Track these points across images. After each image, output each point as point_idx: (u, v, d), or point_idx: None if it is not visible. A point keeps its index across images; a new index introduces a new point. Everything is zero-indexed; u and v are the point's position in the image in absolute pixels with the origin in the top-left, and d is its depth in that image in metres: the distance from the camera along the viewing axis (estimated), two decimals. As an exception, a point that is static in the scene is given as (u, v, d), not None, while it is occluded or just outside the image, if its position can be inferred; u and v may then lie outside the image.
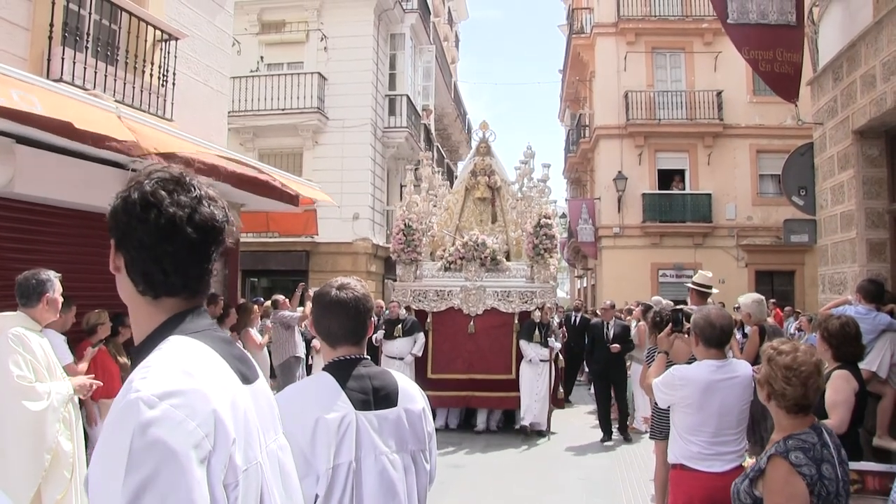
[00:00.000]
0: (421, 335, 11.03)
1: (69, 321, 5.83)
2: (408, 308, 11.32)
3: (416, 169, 13.03)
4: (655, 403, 5.97)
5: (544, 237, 11.16)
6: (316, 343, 11.59)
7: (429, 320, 11.31)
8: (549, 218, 11.38)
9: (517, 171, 12.64)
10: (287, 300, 10.78)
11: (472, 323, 11.15)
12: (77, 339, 6.15)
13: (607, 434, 10.59)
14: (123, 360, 6.99)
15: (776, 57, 8.58)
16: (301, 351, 10.48)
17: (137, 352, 1.47)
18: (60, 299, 4.81)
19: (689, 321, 4.66)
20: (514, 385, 10.81)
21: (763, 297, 6.98)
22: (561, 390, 11.66)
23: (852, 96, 7.71)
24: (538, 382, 10.63)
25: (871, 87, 7.24)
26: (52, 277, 4.76)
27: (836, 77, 8.22)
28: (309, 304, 9.89)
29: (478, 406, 11.16)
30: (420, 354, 10.99)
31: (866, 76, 7.37)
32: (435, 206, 12.58)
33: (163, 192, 1.47)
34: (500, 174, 12.87)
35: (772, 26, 8.51)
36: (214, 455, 1.32)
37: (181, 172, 1.54)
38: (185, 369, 1.36)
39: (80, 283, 6.20)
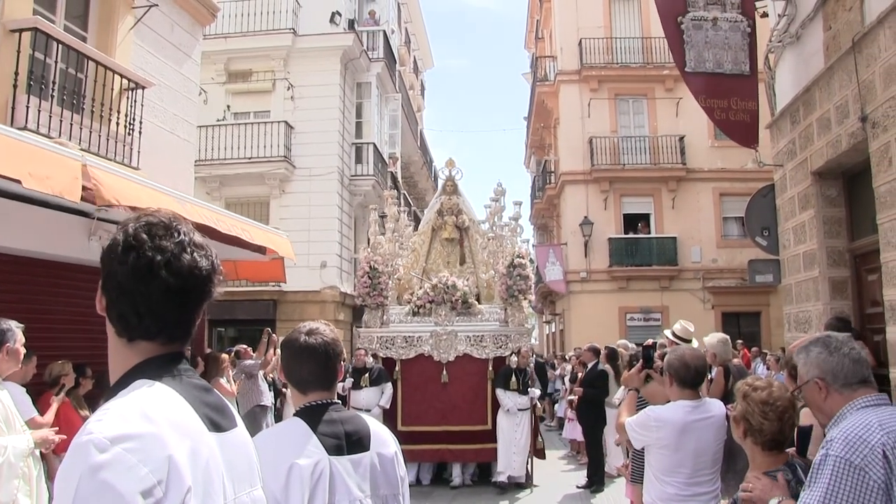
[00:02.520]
0: (389, 385, 10.37)
1: (30, 372, 5.68)
2: (375, 356, 10.62)
3: (381, 214, 12.61)
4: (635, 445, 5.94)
5: (518, 278, 10.59)
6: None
7: (397, 368, 10.59)
8: (523, 258, 10.84)
9: (487, 209, 12.08)
10: (249, 349, 10.61)
11: (444, 371, 10.49)
12: (38, 391, 6.00)
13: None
14: (85, 412, 6.81)
15: (731, 105, 8.79)
16: (267, 399, 10.26)
17: (108, 395, 1.45)
18: (22, 350, 4.69)
19: (661, 359, 4.67)
20: (490, 436, 10.22)
21: (728, 337, 7.03)
22: (540, 439, 10.87)
23: (809, 139, 7.91)
24: (516, 433, 10.06)
25: (827, 129, 7.44)
26: (14, 328, 4.64)
27: (793, 120, 8.44)
28: (272, 351, 9.74)
29: (452, 460, 10.49)
30: (388, 406, 10.33)
31: (822, 119, 7.58)
32: (401, 247, 11.94)
33: (144, 236, 1.48)
34: (468, 213, 12.28)
35: (727, 76, 8.74)
36: (165, 502, 1.29)
37: (170, 218, 1.55)
38: (143, 413, 1.35)
39: (42, 334, 6.07)
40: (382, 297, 10.96)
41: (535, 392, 10.48)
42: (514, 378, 10.14)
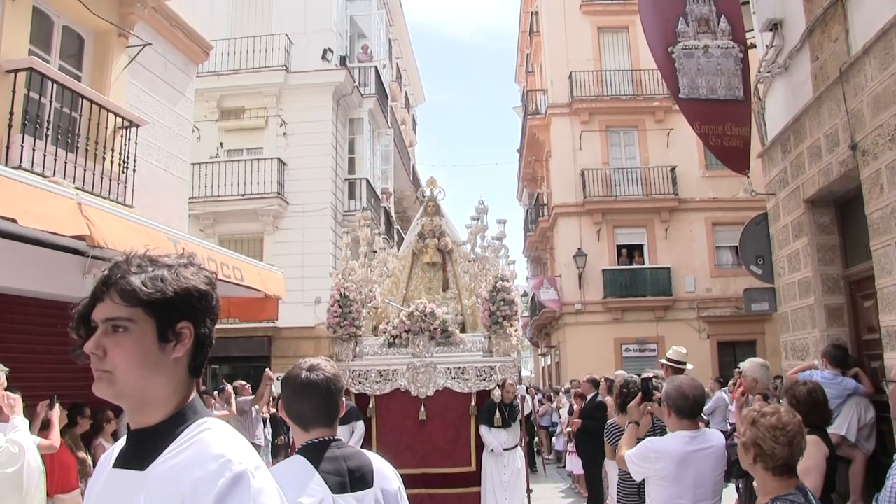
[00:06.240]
0: (360, 424, 9.19)
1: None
2: (346, 392, 9.33)
3: (348, 231, 11.61)
4: (620, 477, 5.88)
5: (502, 303, 9.51)
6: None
7: (371, 405, 9.50)
8: (508, 280, 9.81)
9: (468, 228, 10.99)
10: (246, 385, 10.50)
11: (422, 408, 9.48)
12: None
13: None
14: (81, 453, 6.71)
15: (725, 131, 8.84)
16: (260, 437, 10.15)
17: (172, 424, 1.53)
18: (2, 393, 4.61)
19: (658, 390, 4.65)
20: (474, 479, 9.32)
21: (767, 363, 6.93)
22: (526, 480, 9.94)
23: (801, 167, 7.98)
24: (504, 475, 9.25)
25: (818, 157, 7.50)
26: None
27: (784, 149, 8.52)
28: (268, 388, 9.64)
29: None
30: (359, 447, 8.87)
31: (812, 148, 7.65)
32: (375, 273, 10.90)
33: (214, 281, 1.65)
34: (452, 236, 11.22)
35: (721, 102, 8.80)
36: None
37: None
38: (247, 444, 1.54)
39: (36, 374, 6.02)
40: (354, 328, 9.86)
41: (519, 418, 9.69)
42: (498, 414, 9.27)
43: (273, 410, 11.25)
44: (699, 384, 4.26)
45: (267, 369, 10.10)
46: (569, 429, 12.26)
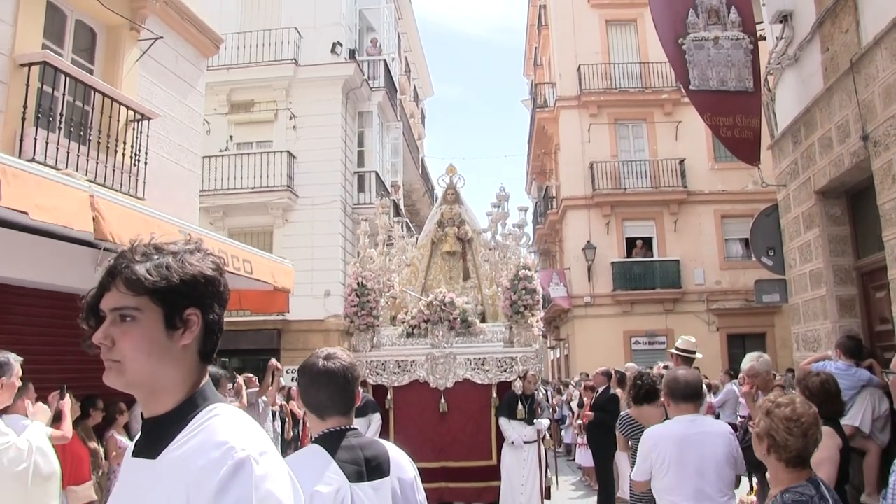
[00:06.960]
0: (377, 416, 9.04)
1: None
2: (364, 383, 9.11)
3: (366, 219, 11.34)
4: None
5: (523, 292, 9.16)
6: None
7: (389, 397, 9.25)
8: (529, 269, 9.46)
9: (489, 216, 10.68)
10: (254, 378, 10.53)
11: (442, 400, 9.22)
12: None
13: None
14: (93, 444, 6.75)
15: (736, 123, 8.83)
16: (269, 430, 10.14)
17: (182, 412, 1.52)
18: (18, 384, 4.62)
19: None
20: (495, 473, 9.04)
21: (762, 354, 6.86)
22: (549, 476, 9.66)
23: (812, 158, 7.95)
24: (524, 469, 8.94)
25: (829, 148, 7.48)
26: (12, 361, 4.57)
27: (795, 140, 8.49)
28: (275, 379, 9.64)
29: (453, 500, 9.21)
30: (376, 439, 8.53)
31: (823, 139, 7.62)
32: (392, 261, 10.67)
33: (219, 266, 1.63)
34: (472, 224, 10.92)
35: (731, 93, 8.79)
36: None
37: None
38: (257, 429, 1.54)
39: (50, 365, 6.06)
40: (372, 317, 9.61)
41: (543, 423, 9.35)
42: (520, 406, 8.94)
43: (282, 402, 11.29)
44: (695, 372, 4.28)
45: (272, 359, 9.94)
46: (579, 421, 12.26)
